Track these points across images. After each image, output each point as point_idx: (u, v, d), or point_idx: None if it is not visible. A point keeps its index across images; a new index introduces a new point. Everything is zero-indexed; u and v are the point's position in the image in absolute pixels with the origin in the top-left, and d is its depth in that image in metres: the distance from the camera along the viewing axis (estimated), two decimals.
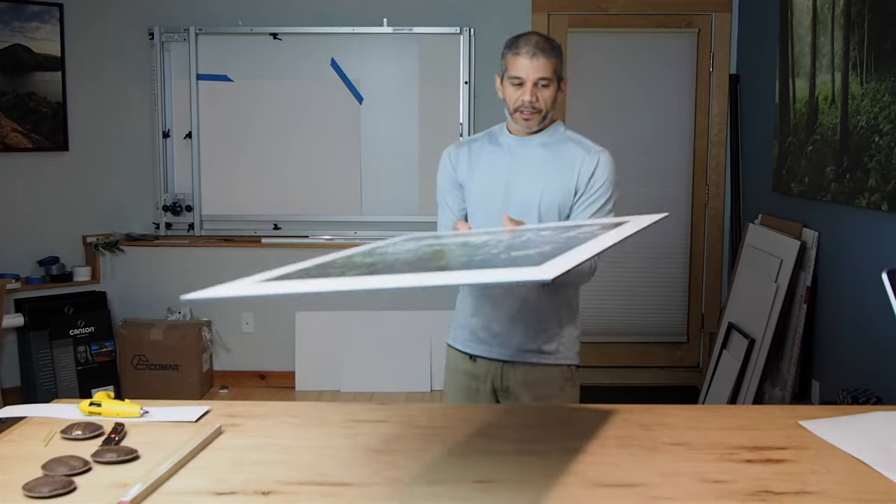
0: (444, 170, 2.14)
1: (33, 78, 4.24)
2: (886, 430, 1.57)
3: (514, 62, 1.93)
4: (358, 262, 1.33)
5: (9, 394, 4.09)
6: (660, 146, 4.50)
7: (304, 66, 4.45)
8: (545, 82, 1.93)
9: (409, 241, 1.58)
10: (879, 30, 2.79)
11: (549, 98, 1.96)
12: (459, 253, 1.36)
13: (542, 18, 4.46)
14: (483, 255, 1.28)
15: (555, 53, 1.93)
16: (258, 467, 1.42)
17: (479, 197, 2.04)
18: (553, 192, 1.98)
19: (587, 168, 1.98)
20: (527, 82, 1.92)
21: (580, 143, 2.03)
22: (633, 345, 4.65)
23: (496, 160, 2.04)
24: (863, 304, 2.99)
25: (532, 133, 2.02)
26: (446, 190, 2.13)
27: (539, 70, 1.91)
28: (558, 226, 1.74)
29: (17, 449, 1.49)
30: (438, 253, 1.38)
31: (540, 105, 1.95)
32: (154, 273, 4.57)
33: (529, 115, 1.96)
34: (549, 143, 2.02)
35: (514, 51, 1.94)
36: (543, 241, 1.35)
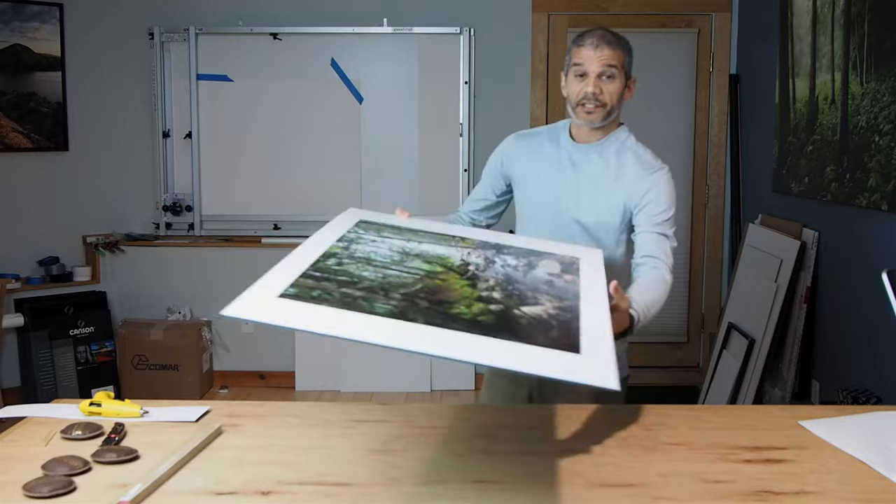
0: (496, 156, 2.09)
1: (33, 78, 4.24)
2: (886, 430, 1.57)
3: (578, 52, 1.84)
4: (354, 272, 1.38)
5: (9, 394, 4.09)
6: (660, 146, 4.44)
7: (304, 66, 4.45)
8: (610, 73, 1.82)
9: (377, 241, 1.59)
10: (879, 30, 2.79)
11: (615, 92, 1.84)
12: (468, 293, 1.35)
13: (543, 18, 4.46)
14: (499, 307, 1.30)
15: (622, 47, 1.84)
16: (258, 467, 1.42)
17: (530, 202, 2.00)
18: (602, 211, 1.89)
19: (642, 190, 1.87)
20: (590, 73, 1.82)
21: (640, 157, 1.92)
22: (633, 345, 4.62)
23: (552, 167, 1.96)
24: (863, 304, 2.99)
25: (593, 135, 1.92)
26: (489, 173, 2.10)
27: (603, 60, 1.81)
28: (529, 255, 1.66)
29: (17, 449, 1.49)
30: (438, 285, 1.38)
31: (605, 98, 1.83)
32: (154, 273, 4.57)
33: (593, 108, 1.84)
34: (608, 153, 1.92)
35: (578, 42, 1.85)
36: (536, 291, 1.39)
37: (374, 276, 1.36)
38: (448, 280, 1.41)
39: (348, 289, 1.29)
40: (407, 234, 1.64)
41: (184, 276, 4.57)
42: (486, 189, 2.10)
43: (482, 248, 1.63)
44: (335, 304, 1.22)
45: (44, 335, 4.19)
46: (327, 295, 1.25)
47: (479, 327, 1.21)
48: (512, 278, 1.47)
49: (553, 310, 1.33)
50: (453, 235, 1.70)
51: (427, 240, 1.63)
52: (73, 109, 4.39)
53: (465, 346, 1.15)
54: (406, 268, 1.43)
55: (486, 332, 1.20)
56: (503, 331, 1.21)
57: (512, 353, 1.16)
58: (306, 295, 1.24)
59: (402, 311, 1.22)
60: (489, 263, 1.54)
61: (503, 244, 1.69)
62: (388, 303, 1.25)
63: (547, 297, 1.38)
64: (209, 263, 4.56)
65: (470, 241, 1.68)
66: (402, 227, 1.70)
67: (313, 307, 1.21)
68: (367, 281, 1.33)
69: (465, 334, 1.18)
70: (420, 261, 1.48)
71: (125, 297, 4.58)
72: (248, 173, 4.52)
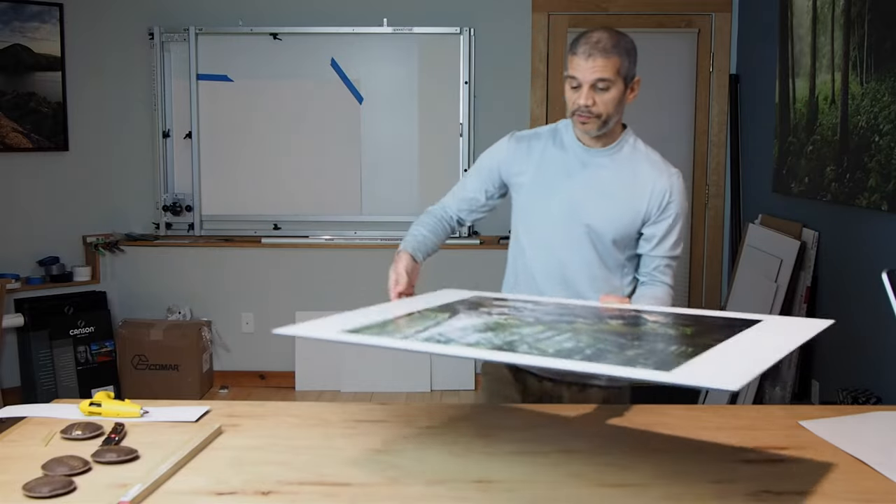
0: (491, 158, 1.99)
1: (33, 78, 4.24)
2: (886, 430, 1.57)
3: (572, 61, 1.77)
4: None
5: (9, 394, 4.09)
6: (660, 146, 4.43)
7: (304, 66, 4.45)
8: (604, 84, 1.75)
9: (466, 317, 1.49)
10: (879, 30, 2.79)
11: (611, 102, 1.77)
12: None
13: (543, 18, 4.46)
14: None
15: (618, 52, 1.75)
16: (258, 467, 1.42)
17: (537, 208, 1.91)
18: (618, 218, 1.85)
19: (658, 192, 1.84)
20: (583, 84, 1.76)
21: (652, 161, 1.89)
22: None
23: (560, 171, 1.89)
24: (863, 304, 2.99)
25: (599, 140, 1.86)
26: (481, 172, 2.00)
27: (595, 71, 1.73)
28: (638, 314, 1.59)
29: (17, 449, 1.49)
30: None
31: (598, 109, 1.77)
32: (154, 273, 4.57)
33: (586, 118, 1.78)
34: (619, 158, 1.87)
35: (573, 49, 1.78)
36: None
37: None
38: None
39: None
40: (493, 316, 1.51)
41: (184, 276, 4.57)
42: (476, 189, 2.02)
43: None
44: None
45: (44, 335, 4.19)
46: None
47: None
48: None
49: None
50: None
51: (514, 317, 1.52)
52: (73, 109, 4.39)
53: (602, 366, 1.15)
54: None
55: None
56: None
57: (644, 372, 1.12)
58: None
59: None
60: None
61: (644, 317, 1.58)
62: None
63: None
64: (209, 263, 4.56)
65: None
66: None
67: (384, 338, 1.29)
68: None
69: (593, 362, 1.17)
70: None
71: (125, 297, 4.58)
72: (248, 173, 4.52)
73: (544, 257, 1.92)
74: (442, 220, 2.05)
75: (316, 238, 4.51)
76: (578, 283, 1.89)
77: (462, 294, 1.73)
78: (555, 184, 1.89)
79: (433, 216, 2.06)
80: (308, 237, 4.52)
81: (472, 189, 2.02)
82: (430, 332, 1.34)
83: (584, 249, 1.88)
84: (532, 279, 1.94)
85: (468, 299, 1.66)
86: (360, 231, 4.51)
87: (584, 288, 1.88)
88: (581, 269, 1.88)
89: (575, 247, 1.88)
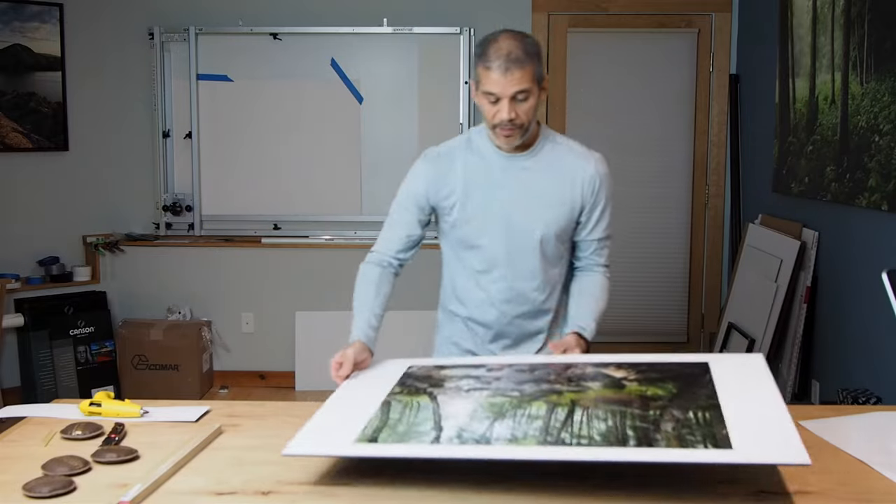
0: (415, 184, 1.92)
1: (33, 78, 4.24)
2: (886, 430, 1.57)
3: (487, 77, 1.72)
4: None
5: (9, 394, 4.09)
6: (660, 146, 4.50)
7: (304, 66, 4.45)
8: (523, 95, 1.73)
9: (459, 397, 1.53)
10: (879, 30, 2.79)
11: (531, 109, 1.77)
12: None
13: (542, 18, 4.46)
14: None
15: (531, 59, 1.73)
16: (258, 467, 1.42)
17: (472, 225, 1.89)
18: (558, 216, 1.87)
19: (588, 179, 1.88)
20: (503, 98, 1.73)
21: (573, 149, 1.92)
22: (633, 345, 4.65)
23: (490, 181, 1.87)
24: (863, 304, 2.99)
25: (519, 147, 1.85)
26: (409, 204, 1.93)
27: (514, 84, 1.71)
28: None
29: (17, 449, 1.49)
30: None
31: (520, 120, 1.75)
32: (154, 273, 4.57)
33: (510, 132, 1.77)
34: (542, 157, 1.88)
35: (484, 63, 1.73)
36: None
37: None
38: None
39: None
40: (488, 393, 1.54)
41: (184, 276, 4.57)
42: (411, 222, 1.93)
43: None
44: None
45: (44, 335, 4.19)
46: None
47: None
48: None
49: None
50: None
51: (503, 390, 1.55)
52: (73, 109, 4.39)
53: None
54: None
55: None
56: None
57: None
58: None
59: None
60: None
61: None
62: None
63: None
64: (209, 263, 4.56)
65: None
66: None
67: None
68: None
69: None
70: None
71: (125, 297, 4.58)
72: (248, 173, 4.52)
73: (490, 269, 1.92)
74: (384, 278, 1.93)
75: (316, 238, 4.51)
76: (524, 285, 1.92)
77: (401, 366, 1.75)
78: (487, 197, 1.87)
79: (374, 277, 1.93)
80: (308, 237, 4.52)
81: (406, 225, 1.93)
82: (450, 428, 1.37)
83: (529, 254, 1.90)
84: (475, 290, 1.95)
85: (416, 373, 1.68)
86: (360, 231, 4.51)
87: (526, 287, 1.92)
88: (527, 272, 1.91)
89: (520, 254, 1.89)
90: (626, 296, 4.60)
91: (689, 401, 1.41)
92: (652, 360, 1.62)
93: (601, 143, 4.63)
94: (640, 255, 4.55)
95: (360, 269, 1.96)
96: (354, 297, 1.91)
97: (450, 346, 2.04)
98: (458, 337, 2.02)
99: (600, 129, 4.49)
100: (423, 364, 1.72)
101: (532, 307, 1.95)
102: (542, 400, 1.45)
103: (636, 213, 4.50)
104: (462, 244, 1.93)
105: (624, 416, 1.36)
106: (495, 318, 1.95)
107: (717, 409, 1.37)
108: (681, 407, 1.39)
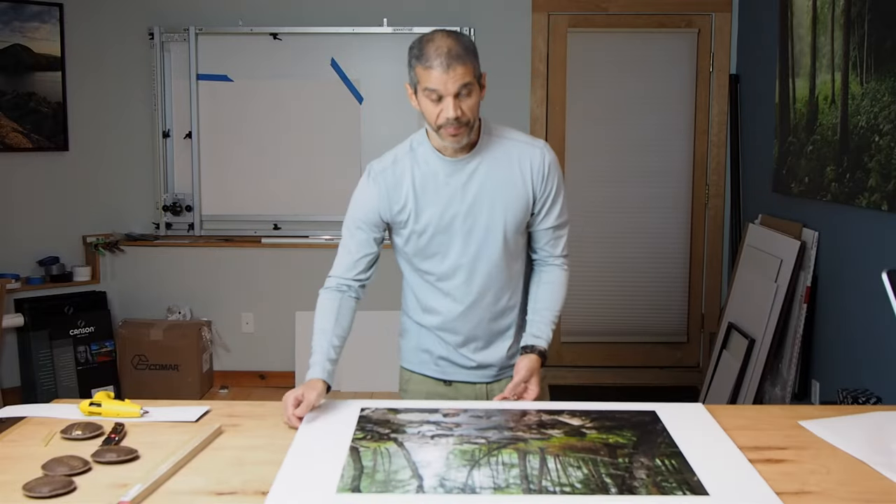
0: (368, 203, 1.86)
1: (33, 78, 4.24)
2: (886, 430, 1.57)
3: (428, 76, 1.70)
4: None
5: (9, 394, 4.09)
6: (660, 146, 4.50)
7: (304, 66, 4.45)
8: (467, 90, 1.71)
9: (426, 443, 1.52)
10: (879, 30, 2.79)
11: (475, 104, 1.74)
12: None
13: (542, 18, 4.46)
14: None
15: (470, 55, 1.71)
16: (258, 467, 1.42)
17: (429, 235, 1.85)
18: (514, 210, 1.84)
19: (537, 168, 1.85)
20: (446, 96, 1.70)
21: (517, 139, 1.88)
22: (633, 345, 4.65)
23: (440, 189, 1.82)
24: (863, 304, 2.99)
25: (463, 149, 1.81)
26: (361, 228, 1.88)
27: (458, 80, 1.68)
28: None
29: (17, 449, 1.49)
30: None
31: (466, 117, 1.72)
32: (154, 273, 4.57)
33: (456, 130, 1.73)
34: (487, 153, 1.84)
35: (424, 63, 1.71)
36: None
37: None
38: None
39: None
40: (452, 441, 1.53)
41: (184, 276, 4.57)
42: (366, 241, 1.89)
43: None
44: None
45: (44, 335, 4.19)
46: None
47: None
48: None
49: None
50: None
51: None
52: (73, 109, 4.39)
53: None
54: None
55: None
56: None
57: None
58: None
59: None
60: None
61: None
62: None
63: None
64: (209, 263, 4.56)
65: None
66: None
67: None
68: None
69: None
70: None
71: (125, 297, 4.58)
72: (248, 173, 4.52)
73: (452, 275, 1.88)
74: (343, 305, 1.89)
75: (316, 238, 4.51)
76: (488, 286, 1.89)
77: (353, 407, 1.72)
78: (439, 207, 1.83)
79: (333, 306, 1.89)
80: (308, 237, 4.52)
81: (362, 244, 1.90)
82: (430, 477, 1.36)
83: (490, 254, 1.87)
84: (439, 298, 1.91)
85: (372, 417, 1.65)
86: None
87: (491, 287, 1.89)
88: (490, 272, 1.89)
89: (482, 255, 1.86)
90: (626, 296, 4.60)
91: (652, 448, 1.48)
92: (601, 409, 1.68)
93: (601, 143, 4.66)
94: (640, 255, 4.55)
95: (320, 297, 1.91)
96: (314, 327, 1.86)
97: (420, 353, 1.99)
98: (429, 345, 1.97)
99: (600, 129, 4.49)
100: (375, 406, 1.71)
101: (498, 306, 1.92)
102: (511, 448, 1.48)
103: (636, 213, 4.50)
104: (419, 255, 1.89)
105: (596, 464, 1.40)
106: (463, 322, 1.91)
107: (680, 457, 1.44)
108: (646, 454, 1.45)
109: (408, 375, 2.03)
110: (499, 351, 1.95)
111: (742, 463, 1.41)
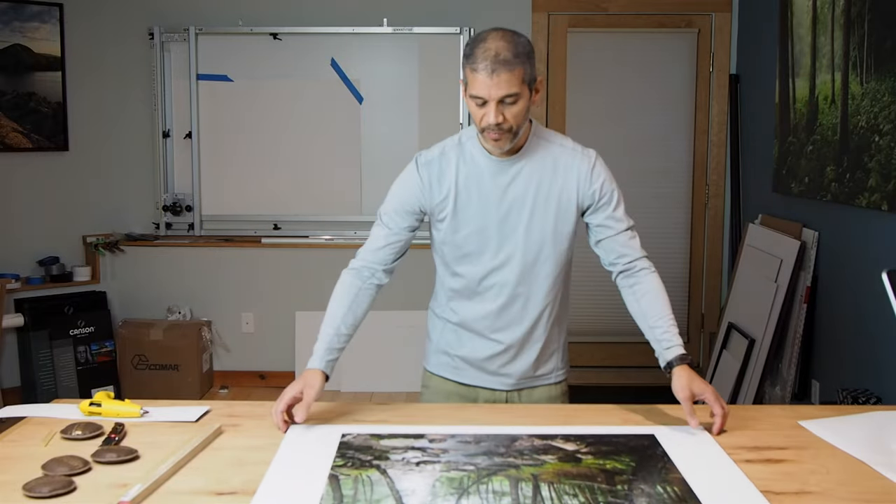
0: (412, 189, 1.84)
1: (33, 78, 4.24)
2: (886, 430, 1.57)
3: (473, 79, 1.66)
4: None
5: (9, 394, 4.09)
6: (660, 146, 4.50)
7: (304, 66, 4.45)
8: (511, 99, 1.66)
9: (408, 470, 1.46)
10: (879, 30, 2.79)
11: (520, 114, 1.69)
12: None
13: (542, 18, 4.46)
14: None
15: (520, 60, 1.65)
16: (258, 467, 1.42)
17: (471, 232, 1.82)
18: (556, 216, 1.81)
19: (584, 174, 1.81)
20: (490, 102, 1.66)
21: (565, 146, 1.84)
22: (633, 345, 4.65)
23: (485, 189, 1.80)
24: (863, 304, 2.99)
25: (509, 152, 1.78)
26: (399, 213, 1.86)
27: (502, 87, 1.64)
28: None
29: (17, 449, 1.49)
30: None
31: (508, 124, 1.68)
32: (154, 273, 4.57)
33: (498, 135, 1.69)
34: (535, 157, 1.80)
35: (471, 64, 1.66)
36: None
37: None
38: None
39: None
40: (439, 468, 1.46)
41: (184, 276, 4.57)
42: (401, 227, 1.86)
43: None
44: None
45: (44, 335, 4.19)
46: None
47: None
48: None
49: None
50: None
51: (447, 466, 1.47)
52: (73, 109, 4.39)
53: None
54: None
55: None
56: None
57: None
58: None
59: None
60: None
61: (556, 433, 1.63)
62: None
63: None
64: (209, 263, 4.56)
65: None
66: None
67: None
68: None
69: None
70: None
71: (125, 297, 4.58)
72: (248, 173, 4.52)
73: (488, 277, 1.84)
74: (362, 295, 1.86)
75: (316, 238, 4.51)
76: (519, 289, 1.84)
77: (334, 433, 1.64)
78: (480, 205, 1.80)
79: (351, 292, 1.85)
80: (308, 237, 4.52)
81: (396, 230, 1.86)
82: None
83: (527, 258, 1.82)
84: (469, 297, 1.87)
85: (354, 444, 1.56)
86: (360, 231, 4.50)
87: (521, 288, 1.84)
88: (526, 275, 1.83)
89: (518, 259, 1.82)
90: None
91: (652, 474, 1.41)
92: (597, 433, 1.61)
93: (601, 143, 4.63)
94: None
95: (342, 276, 1.87)
96: (329, 304, 1.83)
97: (441, 355, 1.96)
98: (454, 347, 1.93)
99: (600, 129, 4.49)
100: (358, 432, 1.62)
101: (528, 313, 1.87)
102: (502, 475, 1.40)
103: (636, 213, 4.44)
104: (455, 251, 1.85)
105: (594, 492, 1.33)
106: (491, 326, 1.87)
107: (684, 483, 1.37)
108: (646, 481, 1.38)
109: (429, 377, 2.00)
110: (525, 360, 1.89)
111: (748, 488, 1.34)
